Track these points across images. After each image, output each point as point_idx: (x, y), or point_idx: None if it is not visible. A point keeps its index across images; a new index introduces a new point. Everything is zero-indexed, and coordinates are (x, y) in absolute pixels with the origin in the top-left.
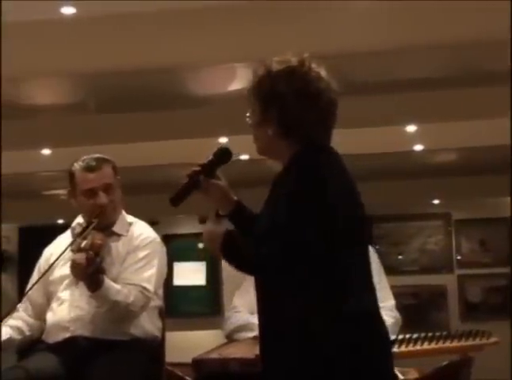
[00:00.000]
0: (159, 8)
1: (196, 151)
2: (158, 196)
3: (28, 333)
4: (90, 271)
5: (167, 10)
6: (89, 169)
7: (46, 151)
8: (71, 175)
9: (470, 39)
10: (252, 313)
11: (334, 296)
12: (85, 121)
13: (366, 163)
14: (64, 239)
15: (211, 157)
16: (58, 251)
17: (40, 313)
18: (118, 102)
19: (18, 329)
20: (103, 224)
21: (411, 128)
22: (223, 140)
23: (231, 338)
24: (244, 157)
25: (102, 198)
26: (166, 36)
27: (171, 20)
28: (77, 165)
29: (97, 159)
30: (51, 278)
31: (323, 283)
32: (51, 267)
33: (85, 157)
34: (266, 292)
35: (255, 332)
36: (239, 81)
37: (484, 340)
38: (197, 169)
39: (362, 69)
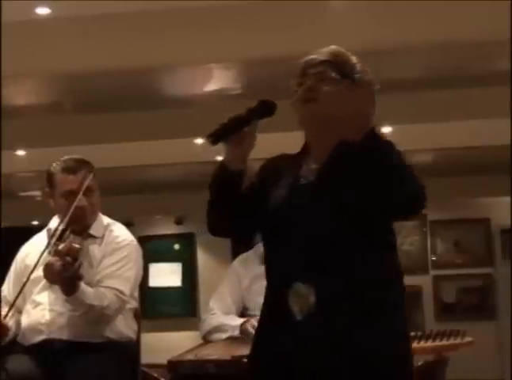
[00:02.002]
0: (135, 9)
1: (172, 152)
2: (133, 197)
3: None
4: (66, 277)
5: (143, 11)
6: (69, 170)
7: (21, 152)
8: (50, 175)
9: (452, 41)
10: (227, 314)
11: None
12: (61, 122)
13: None
14: (40, 239)
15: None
16: (34, 251)
17: (18, 314)
18: (94, 103)
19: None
20: (80, 227)
21: (387, 129)
22: (200, 141)
23: (206, 339)
24: (220, 158)
25: (81, 200)
26: (142, 36)
27: (147, 20)
28: (56, 166)
29: (76, 160)
30: (25, 279)
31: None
32: (31, 273)
33: (64, 158)
34: (336, 251)
35: (228, 334)
36: (216, 81)
37: (459, 340)
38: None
39: None
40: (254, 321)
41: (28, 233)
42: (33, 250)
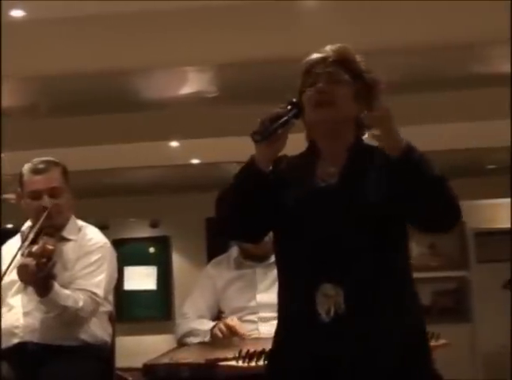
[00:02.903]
0: (110, 11)
1: (148, 154)
2: (108, 200)
3: None
4: (40, 277)
5: (118, 13)
6: (36, 171)
7: None
8: (20, 176)
9: (421, 44)
10: (201, 318)
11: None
12: (36, 124)
13: None
14: (14, 243)
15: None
16: (8, 255)
17: None
18: (69, 105)
19: None
20: (53, 229)
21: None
22: (175, 144)
23: (181, 343)
24: (195, 161)
25: (46, 201)
26: (117, 38)
27: (122, 23)
28: (26, 167)
29: (46, 162)
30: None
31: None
32: (3, 276)
33: (35, 159)
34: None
35: (200, 338)
36: (191, 84)
37: (433, 342)
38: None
39: None
40: (222, 325)
41: (3, 235)
42: (7, 255)
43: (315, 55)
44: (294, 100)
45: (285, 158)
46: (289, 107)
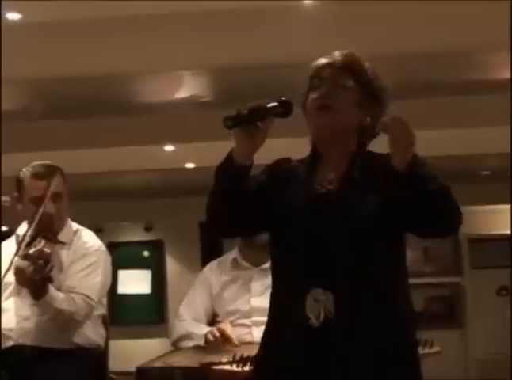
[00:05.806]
0: (106, 14)
1: (142, 158)
2: (102, 203)
3: None
4: (37, 280)
5: (114, 17)
6: (38, 176)
7: None
8: (19, 181)
9: (416, 49)
10: (197, 321)
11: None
12: (29, 127)
13: None
14: (9, 245)
15: (276, 104)
16: (2, 257)
17: None
18: (63, 109)
19: None
20: (49, 232)
21: None
22: (169, 148)
23: (176, 346)
24: (189, 165)
25: (49, 207)
26: (112, 42)
27: (118, 27)
28: (26, 172)
29: (46, 166)
30: None
31: None
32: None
33: (34, 163)
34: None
35: (195, 342)
36: (186, 89)
37: (427, 350)
38: (275, 104)
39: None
40: (215, 330)
41: None
42: (2, 257)
43: (323, 60)
44: (283, 98)
45: (289, 161)
46: (275, 103)
